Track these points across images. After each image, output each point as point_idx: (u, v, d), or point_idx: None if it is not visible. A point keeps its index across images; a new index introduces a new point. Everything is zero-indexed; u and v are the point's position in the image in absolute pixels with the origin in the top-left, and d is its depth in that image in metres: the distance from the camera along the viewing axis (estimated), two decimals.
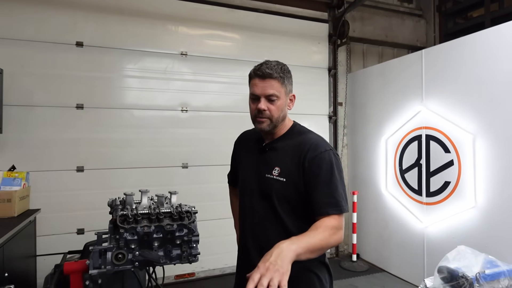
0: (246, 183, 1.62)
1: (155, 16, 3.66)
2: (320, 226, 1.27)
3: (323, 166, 1.39)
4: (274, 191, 1.46)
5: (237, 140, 1.82)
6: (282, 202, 1.45)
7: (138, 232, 1.86)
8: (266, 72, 1.42)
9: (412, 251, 3.59)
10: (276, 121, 1.47)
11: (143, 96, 3.63)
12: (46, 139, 3.26)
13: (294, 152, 1.46)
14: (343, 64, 4.70)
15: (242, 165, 1.69)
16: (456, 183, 3.11)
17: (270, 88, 1.42)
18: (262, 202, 1.51)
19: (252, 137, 1.67)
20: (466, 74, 3.06)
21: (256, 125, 1.50)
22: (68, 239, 3.30)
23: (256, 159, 1.58)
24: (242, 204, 1.65)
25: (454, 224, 3.13)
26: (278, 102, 1.44)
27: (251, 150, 1.63)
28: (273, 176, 1.47)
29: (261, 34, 4.15)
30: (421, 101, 3.48)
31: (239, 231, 1.72)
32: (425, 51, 3.48)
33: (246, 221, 1.61)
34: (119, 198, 2.06)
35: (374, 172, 4.14)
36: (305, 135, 1.51)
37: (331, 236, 1.26)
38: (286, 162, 1.46)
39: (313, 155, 1.41)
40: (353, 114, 4.60)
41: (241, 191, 1.67)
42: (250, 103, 1.50)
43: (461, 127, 3.08)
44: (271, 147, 1.54)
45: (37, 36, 3.23)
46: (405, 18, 5.22)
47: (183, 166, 3.77)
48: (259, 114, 1.45)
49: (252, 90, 1.47)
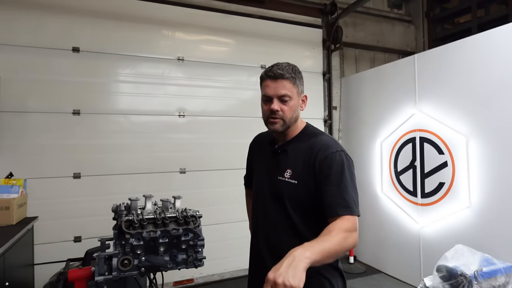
0: (259, 185, 1.63)
1: (151, 21, 3.67)
2: (333, 229, 1.24)
3: (334, 167, 1.38)
4: (286, 193, 1.46)
5: (252, 142, 1.83)
6: (293, 204, 1.45)
7: (144, 237, 1.85)
8: (277, 73, 1.42)
9: (408, 251, 3.65)
10: (289, 121, 1.46)
11: (140, 101, 3.62)
12: (42, 146, 3.22)
13: (305, 154, 1.45)
14: (337, 69, 4.78)
15: (256, 167, 1.70)
16: (451, 184, 3.18)
17: (282, 88, 1.42)
18: (274, 205, 1.51)
19: (266, 139, 1.68)
20: (458, 77, 3.15)
21: (269, 127, 1.49)
22: (65, 247, 3.25)
23: (268, 161, 1.58)
24: (256, 206, 1.65)
25: (449, 224, 3.20)
26: (291, 102, 1.44)
27: (265, 152, 1.64)
28: (285, 179, 1.47)
29: (257, 40, 4.20)
30: (414, 104, 3.56)
31: (252, 232, 1.73)
32: (417, 55, 3.57)
33: (258, 223, 1.62)
34: (124, 203, 2.06)
35: (370, 174, 4.20)
36: (316, 137, 1.50)
37: (345, 239, 1.22)
38: (298, 164, 1.46)
39: (324, 156, 1.40)
40: (348, 118, 4.68)
41: (255, 194, 1.68)
42: (262, 104, 1.50)
43: (454, 129, 3.16)
44: (283, 149, 1.53)
45: (33, 42, 3.20)
46: (395, 24, 5.34)
47: (181, 171, 3.77)
48: (272, 115, 1.44)
49: (264, 92, 1.46)
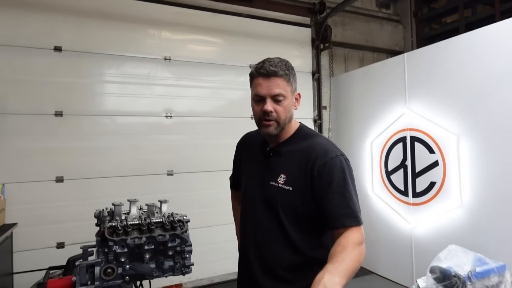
0: (248, 190, 1.52)
1: (137, 20, 3.57)
2: (347, 244, 1.16)
3: (335, 174, 1.28)
4: (279, 200, 1.35)
5: (240, 142, 1.72)
6: (287, 212, 1.34)
7: (129, 244, 1.76)
8: (270, 70, 1.30)
9: (400, 252, 3.62)
10: (284, 123, 1.35)
11: (126, 102, 3.51)
12: (23, 149, 3.08)
13: (301, 158, 1.35)
14: (326, 68, 4.75)
15: (245, 170, 1.59)
16: (442, 183, 3.17)
17: (276, 87, 1.30)
18: (266, 212, 1.40)
19: (256, 139, 1.56)
20: (448, 76, 3.14)
21: (262, 129, 1.38)
22: (48, 254, 3.12)
23: (259, 164, 1.47)
24: (244, 212, 1.55)
25: (441, 224, 3.18)
26: (285, 102, 1.33)
27: (254, 154, 1.53)
28: (278, 184, 1.36)
29: (245, 39, 4.13)
30: (404, 104, 3.54)
31: (240, 241, 1.63)
32: (407, 54, 3.56)
33: (247, 230, 1.51)
34: (107, 208, 1.96)
35: (360, 174, 4.17)
36: (312, 139, 1.39)
37: (360, 254, 1.16)
38: (293, 169, 1.35)
39: (323, 162, 1.30)
40: (338, 118, 4.64)
41: (243, 198, 1.57)
42: (254, 105, 1.38)
43: (444, 128, 3.15)
44: (276, 152, 1.43)
45: (12, 41, 3.06)
46: (383, 23, 5.34)
47: (168, 173, 3.67)
48: (265, 116, 1.32)
49: (256, 91, 1.34)
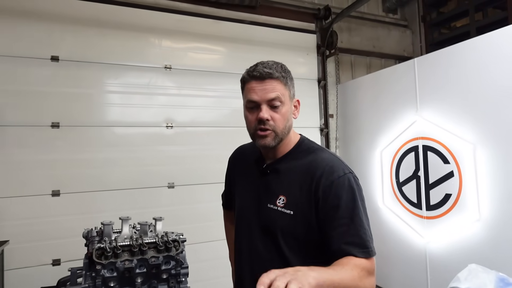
0: (243, 212, 1.34)
1: (136, 28, 3.47)
2: (347, 263, 1.01)
3: (343, 196, 1.11)
4: (279, 226, 1.18)
5: (232, 156, 1.54)
6: (288, 239, 1.17)
7: (118, 268, 1.62)
8: (265, 72, 1.15)
9: (414, 267, 3.41)
10: (282, 133, 1.19)
11: (125, 112, 3.40)
12: (17, 162, 2.97)
13: (303, 177, 1.17)
14: (332, 75, 4.60)
15: (238, 189, 1.40)
16: (458, 195, 2.97)
17: (272, 90, 1.14)
18: (263, 238, 1.22)
19: (251, 154, 1.38)
20: (462, 81, 2.96)
21: (257, 141, 1.20)
22: (42, 272, 2.98)
23: (255, 183, 1.30)
24: (239, 237, 1.36)
25: (458, 239, 2.97)
26: (283, 108, 1.17)
27: (249, 171, 1.35)
28: (277, 208, 1.19)
29: (248, 46, 4.01)
30: (416, 111, 3.37)
31: (235, 269, 1.44)
32: (417, 59, 3.40)
33: (242, 258, 1.32)
34: (96, 228, 1.82)
35: (370, 185, 3.98)
36: (316, 154, 1.22)
37: (361, 278, 0.98)
38: (294, 189, 1.18)
39: (329, 182, 1.13)
40: (345, 126, 4.48)
41: (238, 221, 1.38)
42: (247, 114, 1.21)
43: (459, 136, 2.96)
44: (273, 169, 1.25)
45: (8, 50, 2.98)
46: (391, 28, 5.20)
47: (169, 186, 3.53)
48: (261, 125, 1.16)
49: (249, 96, 1.17)
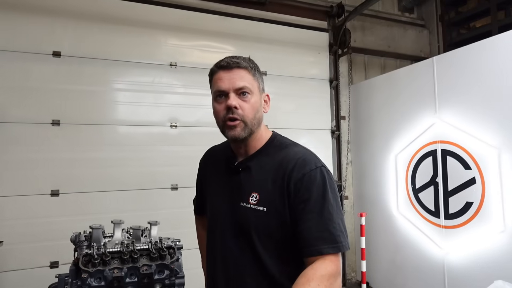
0: (215, 214, 1.28)
1: (141, 24, 3.36)
2: (313, 277, 0.93)
3: (314, 189, 1.07)
4: (252, 224, 1.13)
5: (203, 158, 1.50)
6: (262, 238, 1.12)
7: (106, 277, 1.47)
8: (232, 61, 1.14)
9: (430, 280, 3.18)
10: (252, 124, 1.15)
11: (128, 111, 3.28)
12: (15, 160, 2.88)
13: (276, 173, 1.13)
14: (345, 76, 4.42)
15: (210, 191, 1.34)
16: (480, 204, 2.75)
17: (240, 79, 1.12)
18: (237, 240, 1.17)
19: (221, 154, 1.34)
20: (485, 81, 2.75)
21: (227, 133, 1.16)
22: (40, 274, 2.87)
23: (226, 183, 1.24)
24: (212, 240, 1.29)
25: (480, 251, 2.75)
26: (252, 98, 1.14)
27: (220, 171, 1.30)
28: (250, 205, 1.14)
29: (257, 44, 3.87)
30: (434, 113, 3.16)
31: (207, 273, 1.36)
32: (436, 58, 3.19)
33: (217, 264, 1.24)
34: (85, 232, 1.68)
35: (383, 191, 3.77)
36: (288, 149, 1.18)
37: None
38: (267, 186, 1.13)
39: (301, 175, 1.09)
40: (358, 129, 4.28)
41: (210, 224, 1.32)
42: (215, 105, 1.17)
43: (482, 140, 2.74)
44: (245, 167, 1.20)
45: (8, 45, 2.90)
46: (407, 28, 4.99)
47: (172, 187, 3.39)
48: (229, 114, 1.12)
49: (217, 86, 1.15)
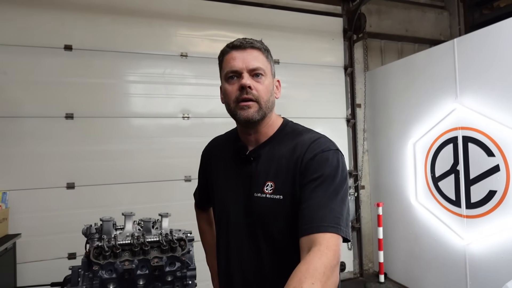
0: (226, 207, 1.20)
1: (151, 14, 3.33)
2: (306, 275, 0.79)
3: (326, 170, 0.99)
4: (270, 214, 1.06)
5: (206, 149, 1.39)
6: (282, 226, 1.04)
7: (117, 269, 1.47)
8: (246, 41, 1.09)
9: (450, 271, 3.08)
10: (266, 107, 1.08)
11: (140, 103, 3.28)
12: (31, 154, 2.92)
13: (289, 159, 1.06)
14: (360, 62, 4.28)
15: (218, 183, 1.25)
16: (505, 193, 2.62)
17: (255, 59, 1.07)
18: (252, 230, 1.10)
19: (228, 144, 1.26)
20: (509, 64, 2.59)
21: (239, 115, 1.08)
22: (58, 265, 2.93)
23: (237, 173, 1.17)
24: (224, 233, 1.21)
25: (503, 242, 2.63)
26: (266, 80, 1.09)
27: (228, 162, 1.22)
28: (266, 195, 1.07)
29: (269, 32, 3.78)
30: (455, 98, 3.01)
31: (219, 267, 1.27)
32: (457, 40, 3.03)
33: (230, 254, 1.18)
34: (96, 224, 1.68)
35: (401, 180, 3.66)
36: (301, 135, 1.11)
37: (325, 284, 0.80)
38: (281, 173, 1.06)
39: (312, 155, 1.02)
40: (374, 116, 4.15)
41: (219, 220, 1.24)
42: (226, 86, 1.10)
43: (506, 125, 2.60)
44: (257, 155, 1.13)
45: (21, 40, 2.92)
46: (426, 10, 4.77)
47: (186, 179, 3.39)
48: (243, 95, 1.05)
49: (230, 66, 1.08)
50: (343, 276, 4.01)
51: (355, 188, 4.14)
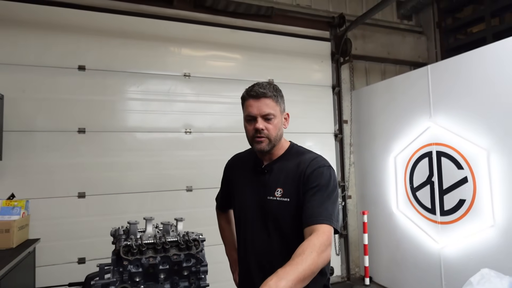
0: (244, 207, 1.57)
1: (157, 38, 3.65)
2: (307, 247, 1.17)
3: (322, 181, 1.37)
4: (280, 212, 1.42)
5: (229, 163, 1.78)
6: (288, 221, 1.40)
7: (143, 264, 1.74)
8: (260, 92, 1.43)
9: (428, 273, 3.42)
10: (275, 140, 1.46)
11: (146, 118, 3.57)
12: (47, 165, 3.17)
13: (294, 172, 1.43)
14: (347, 82, 4.67)
15: (238, 190, 1.63)
16: (472, 201, 2.99)
17: (266, 107, 1.42)
18: (265, 225, 1.46)
19: (247, 159, 1.64)
20: (475, 88, 3.00)
21: (255, 146, 1.47)
22: (69, 269, 3.16)
23: (254, 181, 1.54)
24: (242, 228, 1.59)
25: (472, 244, 2.99)
26: (275, 120, 1.44)
27: (248, 173, 1.59)
28: (276, 198, 1.44)
29: (264, 54, 4.14)
30: (429, 117, 3.41)
31: (240, 264, 1.64)
32: (430, 66, 3.44)
33: (247, 244, 1.55)
34: (123, 227, 1.96)
35: (384, 190, 4.02)
36: (304, 155, 1.49)
37: (319, 256, 1.15)
38: (288, 182, 1.43)
39: (312, 170, 1.40)
40: (359, 132, 4.53)
41: (239, 218, 1.62)
42: (246, 125, 1.49)
43: (473, 142, 2.99)
44: (270, 169, 1.51)
45: (39, 61, 3.20)
46: (405, 35, 5.23)
47: (188, 189, 3.67)
48: (257, 134, 1.43)
49: (248, 112, 1.45)
50: (332, 280, 4.31)
51: (343, 197, 4.47)
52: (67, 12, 3.32)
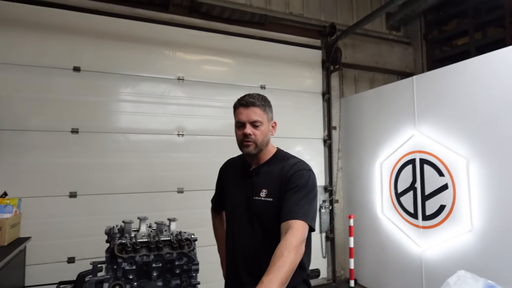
0: (234, 206, 1.73)
1: (152, 42, 3.72)
2: (285, 248, 1.29)
3: (301, 182, 1.51)
4: (264, 211, 1.58)
5: (223, 167, 1.93)
6: (271, 219, 1.54)
7: (137, 262, 1.81)
8: (249, 101, 1.60)
9: (410, 275, 3.55)
10: (261, 144, 1.61)
11: (139, 120, 3.62)
12: (39, 164, 3.20)
13: (278, 175, 1.59)
14: (336, 89, 4.81)
15: (229, 191, 1.78)
16: (452, 207, 3.13)
17: (254, 114, 1.59)
18: (251, 222, 1.62)
19: (238, 163, 1.80)
20: (457, 99, 3.15)
21: (243, 149, 1.63)
22: (58, 269, 3.18)
23: (243, 183, 1.70)
24: (231, 227, 1.74)
25: (451, 248, 3.13)
26: (262, 127, 1.60)
27: (238, 175, 1.75)
28: (261, 198, 1.59)
29: (256, 60, 4.24)
30: (414, 126, 3.55)
31: (228, 254, 1.79)
32: (415, 77, 3.59)
33: (235, 239, 1.71)
34: (117, 226, 2.01)
35: (370, 195, 4.15)
36: (288, 160, 1.64)
37: (296, 254, 1.29)
38: (272, 184, 1.59)
39: (293, 172, 1.55)
40: (347, 138, 4.66)
41: (229, 215, 1.78)
42: (236, 130, 1.65)
43: (454, 151, 3.14)
44: (257, 172, 1.67)
45: (35, 61, 3.23)
46: (394, 45, 5.41)
47: (179, 191, 3.73)
48: (245, 138, 1.59)
49: (238, 118, 1.62)
50: (318, 282, 4.41)
51: (330, 201, 4.59)
52: (64, 13, 3.36)
